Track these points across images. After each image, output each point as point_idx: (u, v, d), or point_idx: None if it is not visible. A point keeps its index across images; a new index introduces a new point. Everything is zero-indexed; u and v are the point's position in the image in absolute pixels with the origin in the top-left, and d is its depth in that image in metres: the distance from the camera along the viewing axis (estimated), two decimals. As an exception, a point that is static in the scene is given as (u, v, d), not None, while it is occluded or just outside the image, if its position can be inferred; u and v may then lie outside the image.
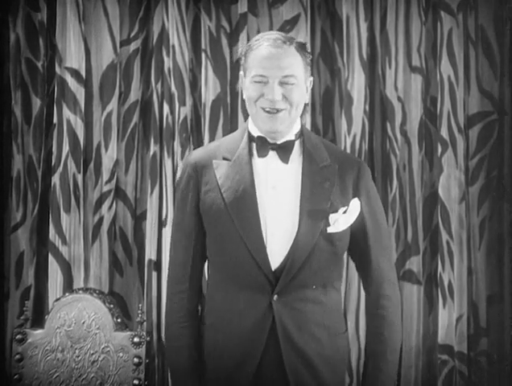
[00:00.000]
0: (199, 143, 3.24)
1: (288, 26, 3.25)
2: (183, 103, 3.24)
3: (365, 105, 3.22)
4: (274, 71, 2.01)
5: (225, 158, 2.11)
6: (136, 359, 2.72)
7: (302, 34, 3.23)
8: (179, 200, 2.16)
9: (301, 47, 2.07)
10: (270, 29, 3.26)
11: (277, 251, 2.04)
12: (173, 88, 3.22)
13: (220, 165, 2.10)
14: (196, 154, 2.18)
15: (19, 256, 3.25)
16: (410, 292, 3.21)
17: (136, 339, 2.72)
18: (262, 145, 2.09)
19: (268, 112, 2.03)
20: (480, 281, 3.20)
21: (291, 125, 2.09)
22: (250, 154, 2.10)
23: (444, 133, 3.19)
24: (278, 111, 2.03)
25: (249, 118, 2.15)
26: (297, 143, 2.12)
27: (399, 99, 3.24)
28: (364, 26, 3.22)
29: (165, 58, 3.24)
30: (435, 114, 3.23)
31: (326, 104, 3.29)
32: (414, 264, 3.22)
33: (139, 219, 3.28)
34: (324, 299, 2.09)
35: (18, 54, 3.25)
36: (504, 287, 3.18)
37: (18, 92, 3.25)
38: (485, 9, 3.21)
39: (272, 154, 2.10)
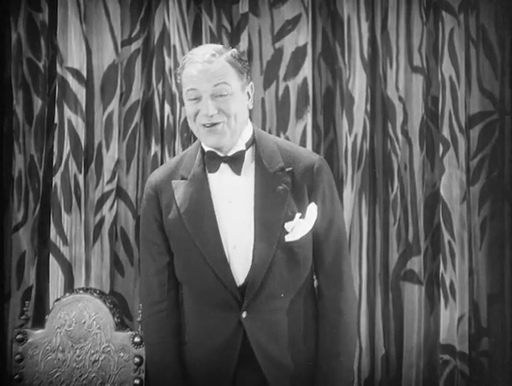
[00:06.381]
0: (200, 143, 3.24)
1: (289, 26, 3.25)
2: (184, 103, 3.23)
3: (366, 105, 3.22)
4: (203, 85, 1.99)
5: (182, 177, 2.09)
6: (137, 359, 2.71)
7: (303, 34, 3.23)
8: (144, 222, 2.14)
9: (233, 57, 2.03)
10: (272, 29, 3.27)
11: (240, 267, 2.01)
12: (174, 88, 3.22)
13: (178, 185, 2.08)
14: (156, 175, 2.15)
15: (20, 257, 3.26)
16: (411, 292, 3.21)
17: (137, 339, 2.71)
18: (213, 159, 2.06)
19: (207, 127, 2.01)
20: (481, 280, 3.19)
21: (234, 137, 2.04)
22: (205, 170, 2.08)
23: (446, 132, 3.19)
24: (215, 124, 2.00)
25: None
26: (248, 152, 2.07)
27: (400, 99, 3.24)
28: (365, 26, 3.22)
29: (166, 58, 3.24)
30: (437, 114, 3.23)
31: (327, 104, 3.29)
32: (416, 264, 3.21)
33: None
34: (295, 306, 2.05)
35: (20, 54, 3.25)
36: (505, 287, 3.18)
37: (19, 92, 3.26)
38: (487, 9, 3.21)
39: (224, 167, 2.06)
